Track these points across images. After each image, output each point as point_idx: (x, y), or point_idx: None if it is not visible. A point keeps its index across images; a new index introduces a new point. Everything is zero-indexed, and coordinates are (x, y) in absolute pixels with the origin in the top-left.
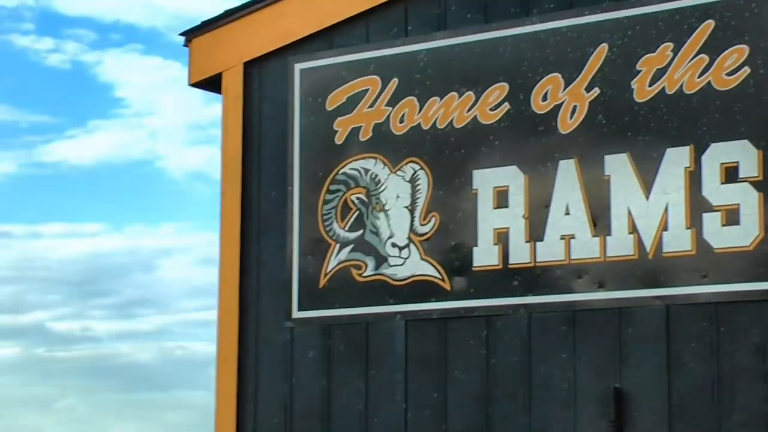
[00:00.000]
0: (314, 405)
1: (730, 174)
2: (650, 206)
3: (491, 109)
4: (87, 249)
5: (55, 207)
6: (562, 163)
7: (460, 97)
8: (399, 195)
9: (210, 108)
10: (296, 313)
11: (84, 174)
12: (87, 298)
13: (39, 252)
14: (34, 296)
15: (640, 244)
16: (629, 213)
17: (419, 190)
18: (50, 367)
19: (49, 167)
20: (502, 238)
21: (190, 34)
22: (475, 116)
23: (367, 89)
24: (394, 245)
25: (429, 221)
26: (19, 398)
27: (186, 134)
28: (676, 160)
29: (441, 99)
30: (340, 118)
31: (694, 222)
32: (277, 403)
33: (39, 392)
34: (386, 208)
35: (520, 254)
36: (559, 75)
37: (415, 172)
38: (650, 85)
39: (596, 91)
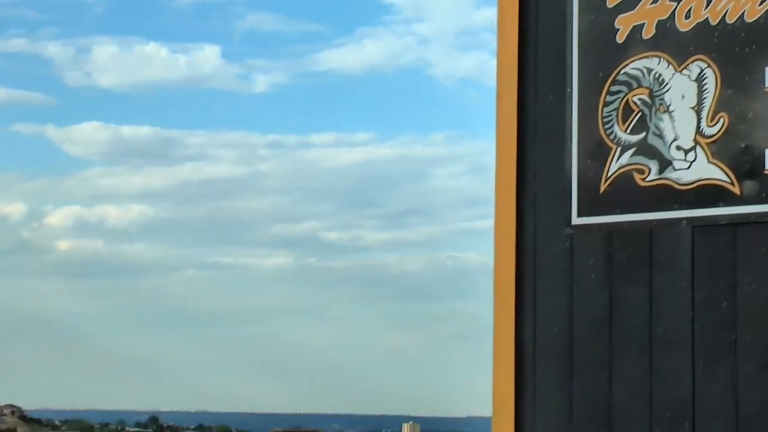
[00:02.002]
0: (595, 314)
1: None
2: None
3: None
4: (357, 159)
5: (325, 116)
6: None
7: None
8: (684, 95)
9: (480, 12)
10: (575, 220)
11: (353, 83)
12: (357, 208)
13: (310, 162)
14: (306, 206)
15: None
16: None
17: (706, 89)
18: (322, 277)
19: (318, 76)
20: None
21: None
22: None
23: None
24: (679, 148)
25: (717, 122)
26: (292, 306)
27: (456, 40)
28: None
29: None
30: (621, 16)
31: None
32: (557, 313)
33: (312, 301)
34: (671, 109)
35: None
36: None
37: (702, 70)
38: None
39: None
